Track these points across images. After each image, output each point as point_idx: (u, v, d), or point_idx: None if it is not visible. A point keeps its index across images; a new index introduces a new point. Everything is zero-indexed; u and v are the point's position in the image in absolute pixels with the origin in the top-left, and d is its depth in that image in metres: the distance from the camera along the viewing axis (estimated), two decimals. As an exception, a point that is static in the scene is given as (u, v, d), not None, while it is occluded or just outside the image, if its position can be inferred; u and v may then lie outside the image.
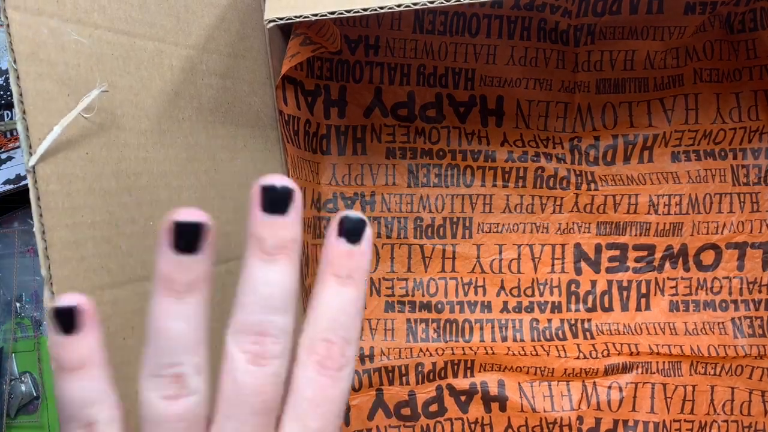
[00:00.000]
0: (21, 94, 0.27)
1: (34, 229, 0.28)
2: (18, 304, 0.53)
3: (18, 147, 0.52)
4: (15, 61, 0.27)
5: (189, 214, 0.22)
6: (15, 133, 0.52)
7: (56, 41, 0.29)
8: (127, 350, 0.31)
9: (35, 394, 0.52)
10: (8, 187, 0.51)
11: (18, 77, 0.27)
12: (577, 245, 0.53)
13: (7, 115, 0.53)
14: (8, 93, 0.52)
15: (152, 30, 0.34)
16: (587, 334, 0.53)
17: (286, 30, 0.43)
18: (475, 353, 0.51)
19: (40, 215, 0.27)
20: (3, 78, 0.53)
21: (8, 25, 0.27)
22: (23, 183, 0.51)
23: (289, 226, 0.23)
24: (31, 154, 0.27)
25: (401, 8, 0.34)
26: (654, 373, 0.51)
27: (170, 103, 0.35)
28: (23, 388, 0.52)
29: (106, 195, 0.31)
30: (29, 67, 0.27)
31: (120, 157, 0.32)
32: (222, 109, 0.39)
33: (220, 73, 0.39)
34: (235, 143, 0.40)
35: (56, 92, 0.28)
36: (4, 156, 0.52)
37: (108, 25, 0.31)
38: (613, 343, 0.52)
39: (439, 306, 0.53)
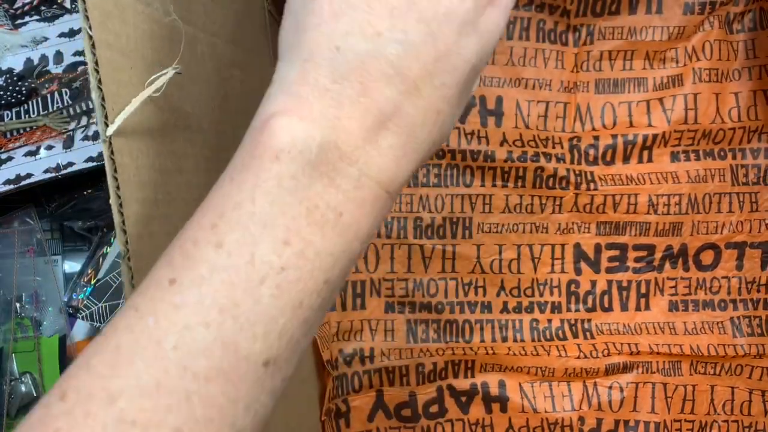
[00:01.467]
0: (96, 63, 0.26)
1: (109, 202, 0.26)
2: (18, 305, 0.53)
3: (18, 147, 0.51)
4: (90, 28, 0.26)
5: None
6: (15, 133, 0.52)
7: (120, 13, 0.28)
8: None
9: (35, 394, 0.52)
10: (8, 187, 0.50)
11: (93, 45, 0.26)
12: (577, 245, 0.53)
13: (7, 115, 0.53)
14: (8, 93, 0.52)
15: (188, 14, 0.34)
16: (587, 334, 0.53)
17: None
18: (476, 354, 0.51)
19: (117, 187, 0.26)
20: (3, 78, 0.53)
21: None
22: (23, 183, 0.51)
23: None
24: (106, 125, 0.26)
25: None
26: (654, 372, 0.51)
27: (204, 90, 0.35)
28: (23, 388, 0.52)
29: (165, 173, 0.30)
30: (101, 35, 0.26)
31: (172, 137, 0.31)
32: (239, 101, 0.39)
33: (238, 65, 0.39)
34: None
35: (121, 63, 0.28)
36: (4, 156, 0.51)
37: (156, 3, 0.31)
38: (614, 343, 0.52)
39: (439, 306, 0.53)
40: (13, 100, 0.52)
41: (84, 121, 0.52)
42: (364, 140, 0.23)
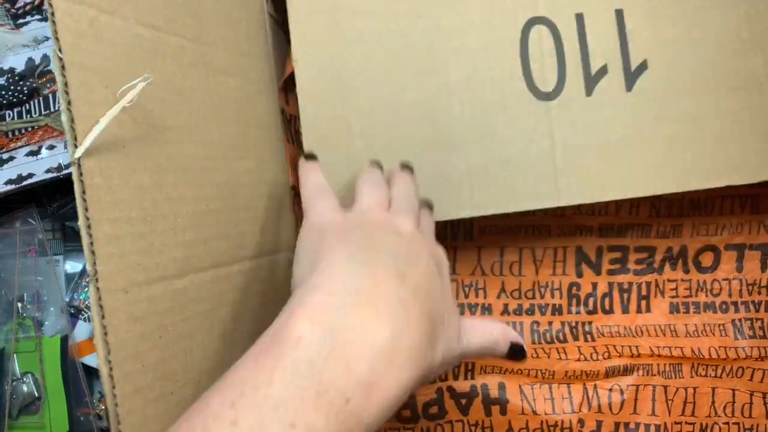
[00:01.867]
0: (66, 84, 0.26)
1: (78, 224, 0.27)
2: (19, 305, 0.53)
3: (20, 147, 0.51)
4: (60, 50, 0.26)
5: None
6: (16, 133, 0.52)
7: (95, 32, 0.28)
8: (162, 348, 0.31)
9: (37, 395, 0.52)
10: (10, 186, 0.50)
11: (63, 67, 0.26)
12: (579, 248, 0.53)
13: (9, 115, 0.53)
14: (8, 93, 0.52)
15: (174, 25, 0.34)
16: (588, 336, 0.53)
17: (287, 29, 0.43)
18: (476, 355, 0.51)
19: (86, 209, 0.27)
20: (4, 78, 0.53)
21: (53, 13, 0.26)
22: (24, 183, 0.51)
23: None
24: (75, 146, 0.26)
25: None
26: (655, 375, 0.51)
27: (189, 100, 0.35)
28: (25, 388, 0.52)
29: (141, 190, 0.30)
30: (72, 57, 0.27)
31: (150, 153, 0.31)
32: (233, 107, 0.39)
33: (230, 71, 0.39)
34: (244, 142, 0.40)
35: (95, 83, 0.28)
36: (5, 156, 0.51)
37: (137, 17, 0.31)
38: (614, 345, 0.52)
39: (440, 307, 0.53)
40: (14, 100, 0.52)
41: (85, 121, 0.52)
42: None
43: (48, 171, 0.51)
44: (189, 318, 0.33)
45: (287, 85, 0.45)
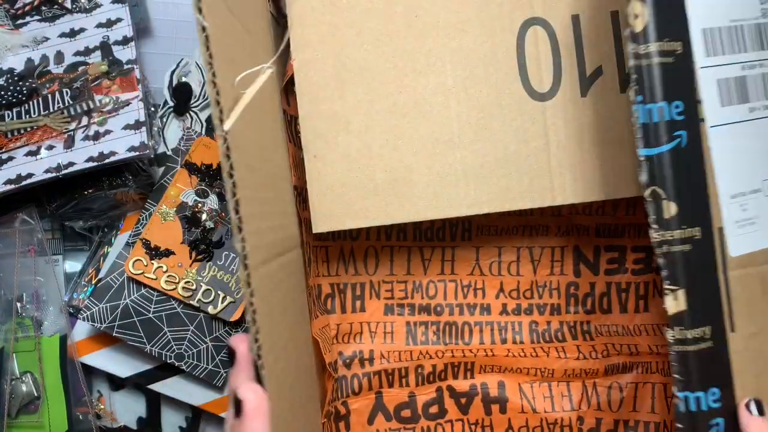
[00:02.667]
0: (211, 56, 0.26)
1: (227, 201, 0.27)
2: (19, 304, 0.53)
3: (19, 147, 0.51)
4: (203, 15, 0.26)
5: None
6: (15, 133, 0.52)
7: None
8: (270, 327, 0.32)
9: (36, 394, 0.52)
10: (9, 186, 0.50)
11: (207, 38, 0.26)
12: (576, 248, 0.53)
13: (8, 115, 0.53)
14: (9, 93, 0.52)
15: (235, 6, 0.34)
16: (586, 335, 0.53)
17: (285, 26, 0.44)
18: (475, 355, 0.52)
19: (233, 185, 0.27)
20: (4, 78, 0.53)
21: None
22: (24, 183, 0.51)
23: None
24: (221, 120, 0.27)
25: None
26: (654, 372, 0.51)
27: (249, 88, 0.35)
28: (24, 387, 0.52)
29: (247, 170, 0.31)
30: (214, 28, 0.27)
31: (240, 135, 0.32)
32: (269, 100, 0.39)
33: (258, 62, 0.39)
34: (275, 135, 0.40)
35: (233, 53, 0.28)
36: (4, 156, 0.51)
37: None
38: (613, 344, 0.52)
39: (439, 308, 0.53)
40: (14, 100, 0.52)
41: (84, 121, 0.52)
42: None
43: (47, 171, 0.51)
44: (271, 302, 0.34)
45: (287, 86, 0.46)
